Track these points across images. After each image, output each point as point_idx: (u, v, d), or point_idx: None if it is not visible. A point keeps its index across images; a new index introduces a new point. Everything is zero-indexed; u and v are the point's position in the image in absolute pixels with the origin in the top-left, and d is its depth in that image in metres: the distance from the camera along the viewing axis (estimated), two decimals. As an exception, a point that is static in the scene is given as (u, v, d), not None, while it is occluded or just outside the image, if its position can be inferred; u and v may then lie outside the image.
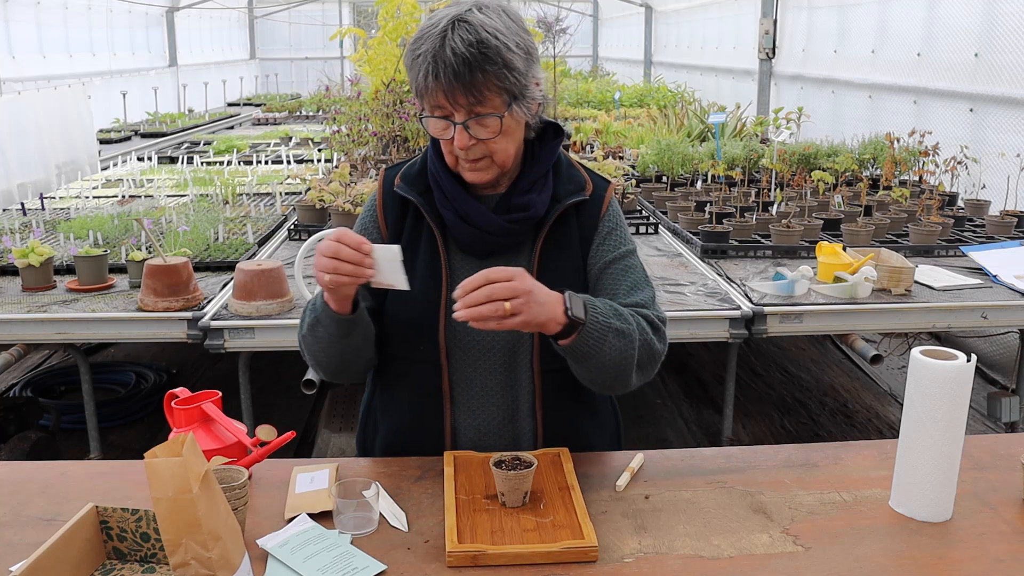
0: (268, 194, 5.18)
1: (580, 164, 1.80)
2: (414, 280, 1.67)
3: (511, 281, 1.43)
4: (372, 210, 1.78)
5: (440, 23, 1.54)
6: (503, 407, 1.73)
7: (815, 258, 3.41)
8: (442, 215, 1.69)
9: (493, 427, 1.74)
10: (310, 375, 2.91)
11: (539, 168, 1.70)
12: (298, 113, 10.58)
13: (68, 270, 3.53)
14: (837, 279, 3.21)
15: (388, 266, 1.50)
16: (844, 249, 3.41)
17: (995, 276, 3.41)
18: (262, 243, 4.02)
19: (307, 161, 6.48)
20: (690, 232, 4.02)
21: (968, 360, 1.45)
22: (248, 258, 3.68)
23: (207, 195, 4.98)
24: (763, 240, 3.89)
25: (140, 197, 5.09)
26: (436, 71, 1.52)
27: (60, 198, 5.20)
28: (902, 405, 1.53)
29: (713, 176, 5.01)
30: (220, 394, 1.74)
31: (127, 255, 3.44)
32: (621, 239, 1.75)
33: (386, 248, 1.50)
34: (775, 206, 4.45)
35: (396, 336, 1.75)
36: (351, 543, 1.43)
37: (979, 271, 3.51)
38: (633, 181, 5.13)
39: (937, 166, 4.64)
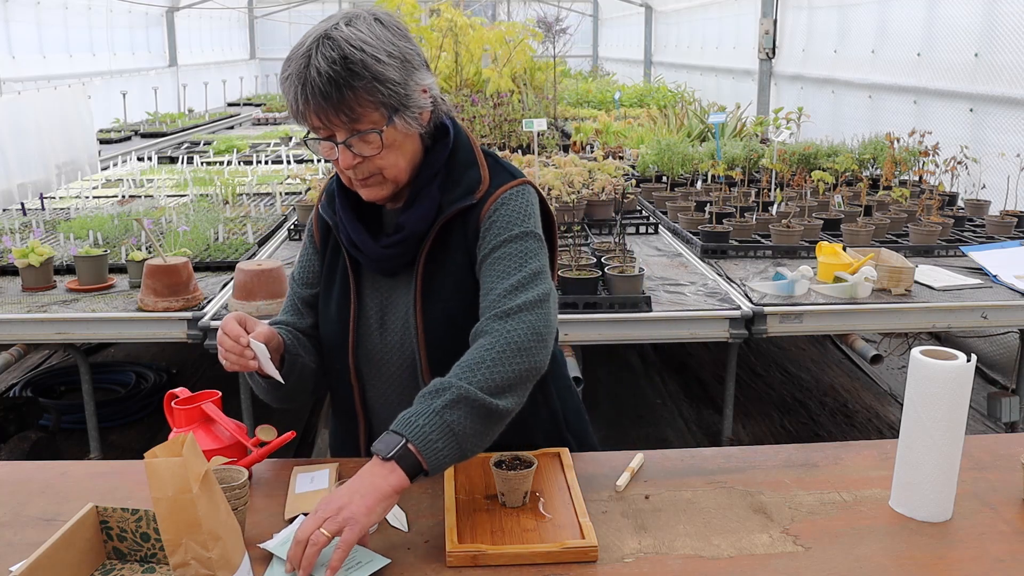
0: (268, 194, 5.18)
1: (491, 158, 1.69)
2: (331, 301, 1.71)
3: (314, 515, 1.34)
4: (311, 224, 1.79)
5: (306, 42, 1.48)
6: None
7: (815, 258, 3.41)
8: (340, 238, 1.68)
9: None
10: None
11: (424, 178, 1.61)
12: (298, 113, 10.56)
13: (68, 270, 3.53)
14: (837, 279, 3.21)
15: (263, 358, 1.57)
16: (844, 249, 3.41)
17: (995, 276, 3.41)
18: (262, 243, 4.02)
19: (307, 161, 6.47)
20: (690, 232, 4.02)
21: (968, 360, 1.45)
22: (248, 258, 3.68)
23: (207, 195, 4.98)
24: (763, 240, 3.89)
25: (140, 197, 5.09)
26: (304, 94, 1.46)
27: (60, 198, 5.21)
28: (902, 405, 1.53)
29: (713, 176, 5.01)
30: (220, 394, 1.74)
31: (127, 255, 3.44)
32: (502, 228, 1.59)
33: (257, 344, 1.55)
34: (775, 206, 4.45)
35: (325, 352, 1.77)
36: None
37: (979, 271, 3.51)
38: (633, 181, 5.13)
39: (937, 166, 4.64)
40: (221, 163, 6.40)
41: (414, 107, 1.54)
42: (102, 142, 7.68)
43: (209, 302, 3.16)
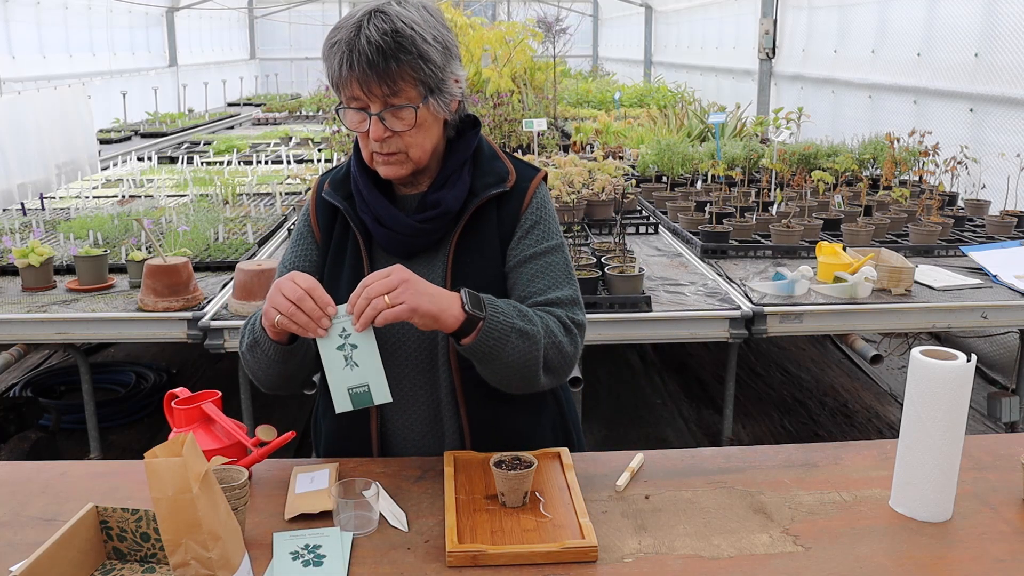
0: (268, 194, 5.18)
1: (507, 154, 1.76)
2: (340, 286, 1.69)
3: (387, 278, 1.47)
4: (306, 216, 1.78)
5: (357, 14, 1.54)
6: (428, 407, 1.72)
7: (815, 258, 3.41)
8: (362, 219, 1.68)
9: (420, 428, 1.74)
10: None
11: (454, 162, 1.67)
12: (298, 113, 10.58)
13: (68, 270, 3.53)
14: (837, 279, 3.21)
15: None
16: (844, 249, 3.41)
17: (995, 276, 3.41)
18: (262, 243, 4.02)
19: (307, 161, 6.48)
20: (690, 232, 4.02)
21: (968, 360, 1.45)
22: (248, 258, 3.68)
23: (207, 195, 4.98)
24: (763, 240, 3.89)
25: (140, 197, 5.09)
26: (351, 60, 1.51)
27: (60, 198, 5.21)
28: (902, 405, 1.53)
29: (713, 176, 5.01)
30: (220, 394, 1.74)
31: (127, 255, 3.44)
32: (545, 234, 1.70)
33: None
34: (775, 206, 4.45)
35: None
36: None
37: (979, 271, 3.51)
38: (633, 181, 5.13)
39: (937, 166, 4.64)
40: (221, 163, 6.40)
41: (447, 93, 1.61)
42: (102, 142, 7.68)
43: (209, 302, 3.16)
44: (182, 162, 6.50)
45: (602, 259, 3.34)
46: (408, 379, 1.71)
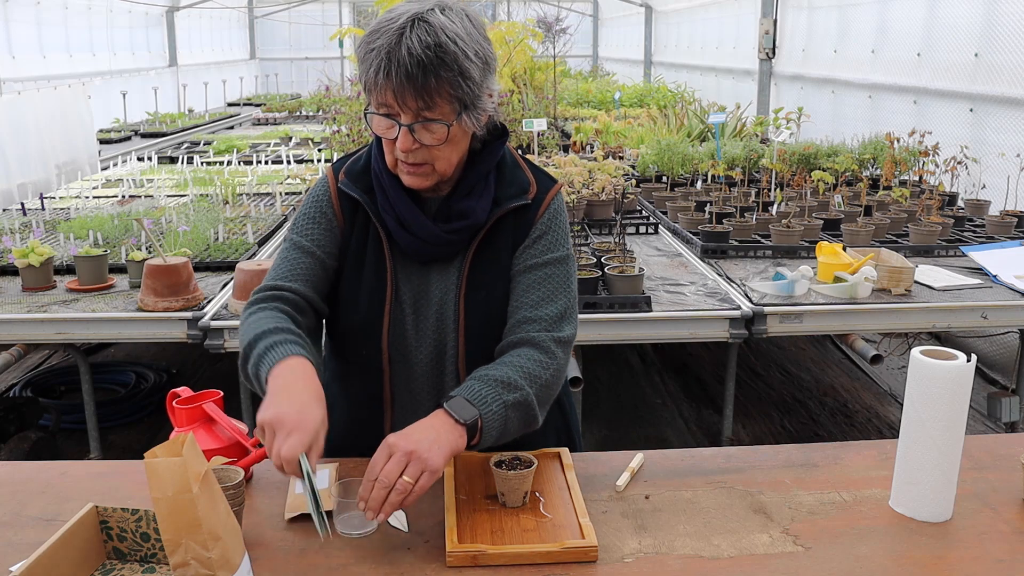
0: (268, 194, 5.18)
1: (528, 163, 1.73)
2: (362, 284, 1.67)
3: (389, 459, 1.38)
4: (327, 198, 1.69)
5: (399, 19, 1.47)
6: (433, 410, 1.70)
7: (815, 258, 3.41)
8: (384, 218, 1.64)
9: None
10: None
11: (478, 171, 1.63)
12: (298, 113, 10.58)
13: (68, 270, 3.53)
14: (837, 279, 3.21)
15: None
16: (844, 249, 3.41)
17: (995, 276, 3.41)
18: (262, 243, 4.02)
19: (307, 161, 6.48)
20: (690, 232, 4.02)
21: (968, 360, 1.45)
22: (248, 258, 3.68)
23: (207, 195, 4.98)
24: (763, 240, 3.89)
25: (140, 197, 5.09)
26: (388, 69, 1.45)
27: (60, 198, 5.21)
28: (902, 405, 1.53)
29: (713, 176, 5.01)
30: (221, 394, 1.74)
31: (127, 255, 3.44)
32: (551, 244, 1.66)
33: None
34: (775, 206, 4.45)
35: (341, 336, 1.73)
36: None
37: (979, 271, 3.51)
38: (633, 181, 5.13)
39: (937, 166, 4.65)
40: (221, 163, 6.40)
41: (480, 109, 1.56)
42: (102, 142, 7.67)
43: (209, 302, 3.16)
44: (182, 162, 6.50)
45: (602, 259, 3.34)
46: (417, 382, 1.71)
